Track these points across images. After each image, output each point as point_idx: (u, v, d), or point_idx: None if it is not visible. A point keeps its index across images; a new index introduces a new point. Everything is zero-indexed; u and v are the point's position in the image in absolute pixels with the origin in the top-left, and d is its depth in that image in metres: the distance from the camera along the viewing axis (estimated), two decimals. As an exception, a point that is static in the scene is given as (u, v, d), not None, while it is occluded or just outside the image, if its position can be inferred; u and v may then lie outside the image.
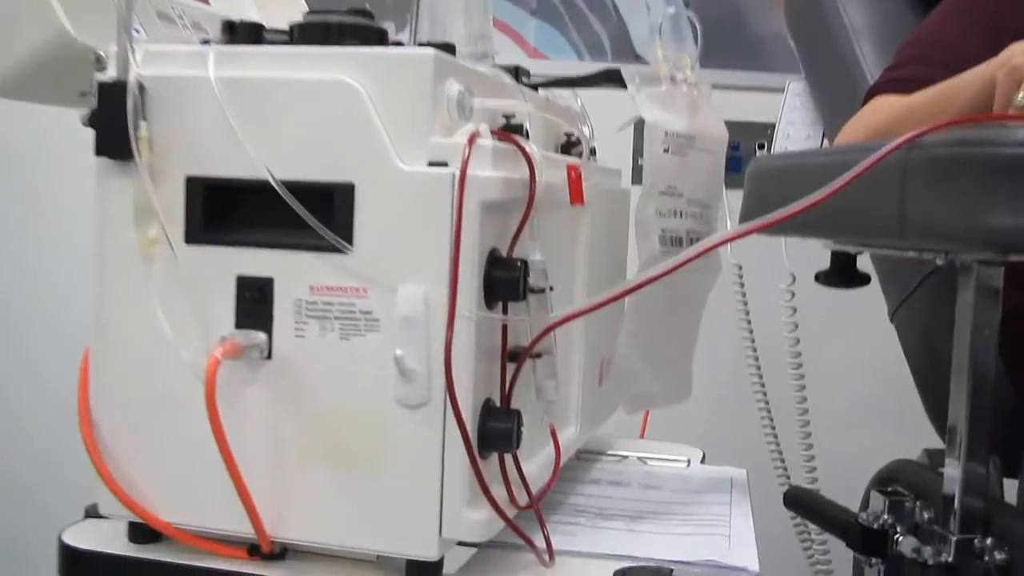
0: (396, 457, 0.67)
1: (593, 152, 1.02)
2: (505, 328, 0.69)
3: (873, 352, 1.77)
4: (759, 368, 1.42)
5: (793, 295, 1.25)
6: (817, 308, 1.42)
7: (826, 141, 1.27)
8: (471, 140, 0.66)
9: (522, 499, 0.72)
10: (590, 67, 1.84)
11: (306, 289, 0.69)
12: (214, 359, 0.67)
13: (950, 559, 0.82)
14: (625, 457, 1.04)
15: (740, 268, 1.48)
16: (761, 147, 1.80)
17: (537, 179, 0.70)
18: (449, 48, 0.73)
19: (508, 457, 0.70)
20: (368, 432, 0.68)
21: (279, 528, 0.70)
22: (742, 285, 1.52)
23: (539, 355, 0.72)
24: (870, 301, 1.37)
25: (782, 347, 1.36)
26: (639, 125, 0.92)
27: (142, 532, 0.73)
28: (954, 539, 0.81)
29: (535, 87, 0.95)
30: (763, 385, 1.41)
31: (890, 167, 0.67)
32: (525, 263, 0.68)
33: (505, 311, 0.69)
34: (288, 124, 0.69)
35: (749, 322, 1.48)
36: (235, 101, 0.69)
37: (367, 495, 0.68)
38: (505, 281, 0.67)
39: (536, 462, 0.78)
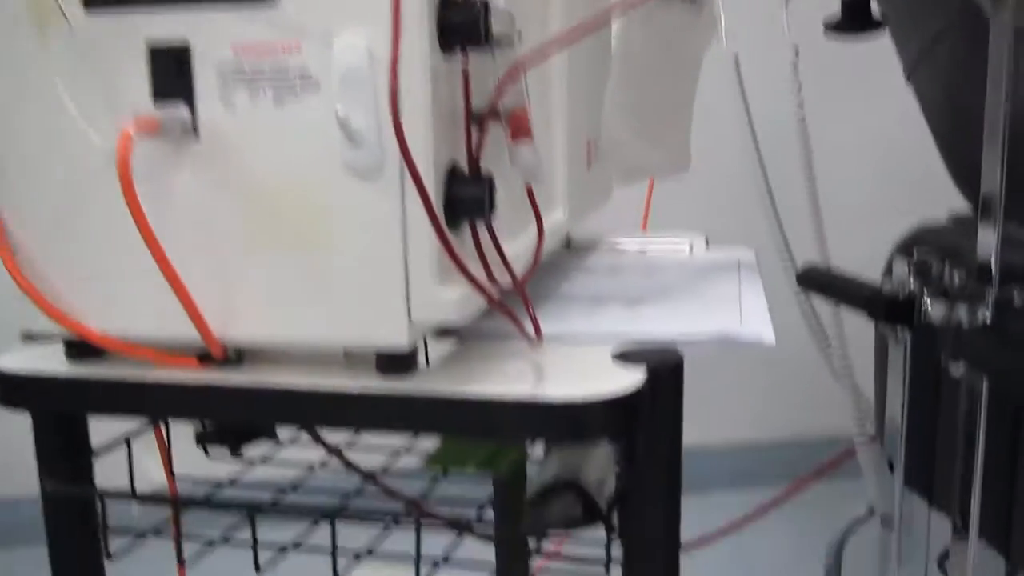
0: (351, 234, 0.58)
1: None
2: (467, 77, 0.59)
3: (885, 131, 1.67)
4: (760, 155, 1.31)
5: (796, 69, 1.13)
6: (823, 86, 1.31)
7: None
8: None
9: (503, 280, 0.64)
10: None
11: (229, 50, 0.58)
12: (126, 135, 0.57)
13: (987, 319, 0.73)
14: (622, 249, 0.95)
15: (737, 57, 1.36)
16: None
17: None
18: None
19: (482, 229, 0.61)
20: (317, 208, 0.59)
21: (229, 329, 0.62)
22: (739, 74, 1.41)
23: (510, 111, 0.62)
24: (880, 73, 1.25)
25: (787, 130, 1.25)
26: None
27: (80, 349, 0.65)
28: (991, 296, 0.73)
29: None
30: (765, 172, 1.31)
31: None
32: (485, 2, 0.58)
33: (466, 59, 0.59)
34: None
35: (748, 110, 1.36)
36: None
37: (323, 281, 0.59)
38: (462, 22, 0.57)
39: (518, 244, 0.69)
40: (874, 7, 0.84)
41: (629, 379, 0.59)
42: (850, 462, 1.22)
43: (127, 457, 0.78)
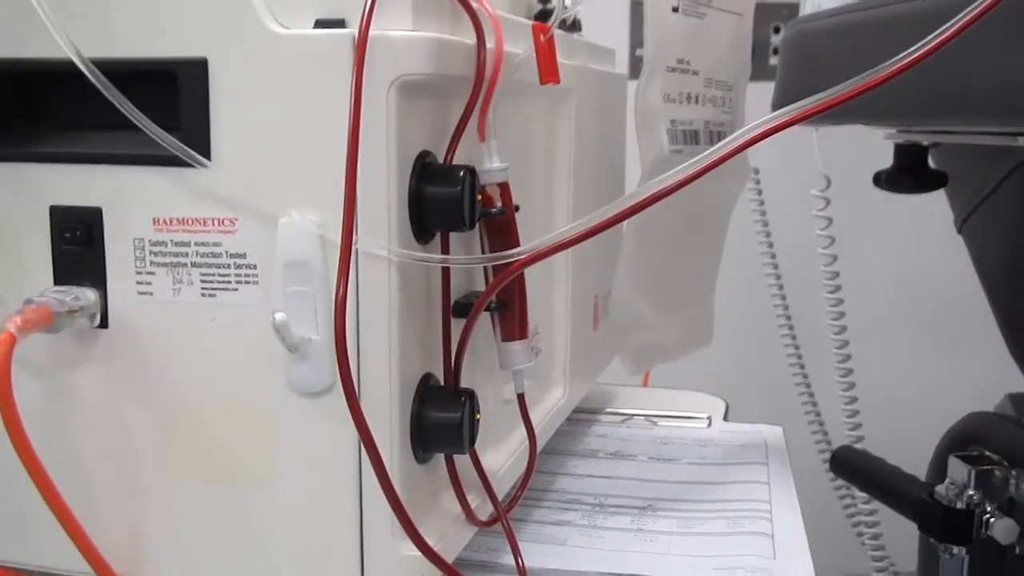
0: (293, 467, 0.45)
1: (577, 25, 0.78)
2: (447, 273, 0.47)
3: (919, 270, 1.56)
4: (783, 294, 1.20)
5: (828, 203, 1.02)
6: (849, 218, 1.19)
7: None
8: (381, -19, 0.43)
9: (485, 511, 0.51)
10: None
11: (149, 223, 0.46)
12: (7, 336, 0.44)
13: (1072, 554, 0.61)
14: (629, 416, 0.82)
15: (757, 172, 1.26)
16: (777, 31, 1.55)
17: (487, 44, 0.47)
18: None
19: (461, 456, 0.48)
20: (251, 430, 0.46)
21: (135, 570, 0.48)
22: (760, 193, 1.30)
23: (501, 306, 0.49)
24: (911, 207, 1.14)
25: (808, 265, 1.14)
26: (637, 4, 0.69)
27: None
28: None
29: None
30: (788, 315, 1.19)
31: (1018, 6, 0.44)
32: (472, 172, 0.45)
33: (446, 246, 0.47)
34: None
35: (769, 236, 1.25)
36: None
37: (256, 523, 0.46)
38: (440, 200, 0.45)
39: (505, 449, 0.57)
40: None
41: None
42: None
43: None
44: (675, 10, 0.61)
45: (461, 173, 0.45)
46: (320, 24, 0.43)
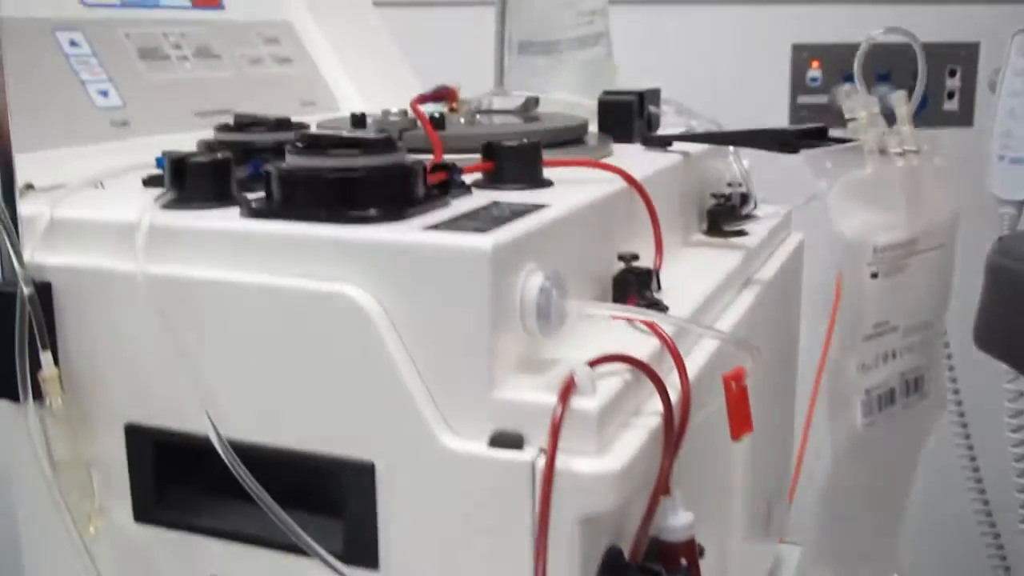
0: None
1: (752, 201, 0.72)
2: None
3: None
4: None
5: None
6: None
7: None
8: (564, 396, 0.38)
9: None
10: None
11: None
12: None
13: None
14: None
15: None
16: (952, 74, 1.42)
17: (675, 421, 0.42)
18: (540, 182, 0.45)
19: None
20: None
21: None
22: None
23: None
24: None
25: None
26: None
27: None
28: None
29: (667, 142, 0.65)
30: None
31: None
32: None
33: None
34: (265, 358, 0.42)
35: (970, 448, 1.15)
36: (178, 311, 0.43)
37: None
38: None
39: None
40: None
41: None
42: None
43: None
44: (874, 276, 0.54)
45: (655, 571, 0.41)
46: (496, 440, 0.39)
